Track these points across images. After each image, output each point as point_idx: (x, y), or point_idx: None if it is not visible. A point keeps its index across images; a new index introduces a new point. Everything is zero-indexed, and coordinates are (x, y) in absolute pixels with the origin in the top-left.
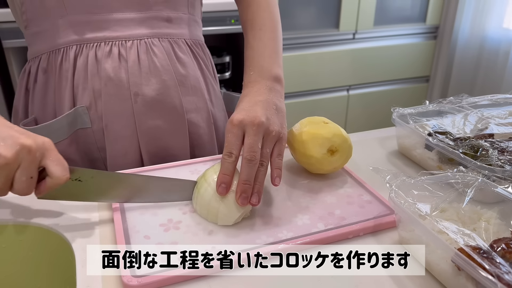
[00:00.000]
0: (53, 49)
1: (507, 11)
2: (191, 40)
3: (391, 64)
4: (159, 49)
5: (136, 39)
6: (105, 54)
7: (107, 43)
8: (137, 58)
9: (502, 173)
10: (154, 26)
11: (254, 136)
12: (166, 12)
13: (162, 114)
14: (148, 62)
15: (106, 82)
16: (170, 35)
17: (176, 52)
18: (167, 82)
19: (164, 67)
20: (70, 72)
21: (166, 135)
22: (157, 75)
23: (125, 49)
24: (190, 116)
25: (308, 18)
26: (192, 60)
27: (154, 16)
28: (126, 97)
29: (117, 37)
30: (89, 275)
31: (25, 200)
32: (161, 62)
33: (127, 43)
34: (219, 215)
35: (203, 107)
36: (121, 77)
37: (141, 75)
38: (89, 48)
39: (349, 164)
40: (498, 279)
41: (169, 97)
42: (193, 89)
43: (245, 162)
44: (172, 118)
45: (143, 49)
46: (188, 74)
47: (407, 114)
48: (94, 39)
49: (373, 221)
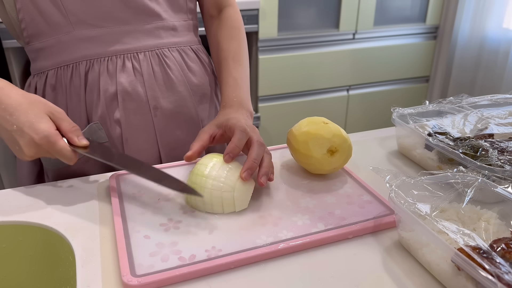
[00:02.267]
0: (61, 65)
1: (507, 11)
2: (196, 46)
3: (391, 64)
4: (171, 60)
5: (147, 50)
6: (118, 68)
7: (119, 57)
8: (151, 70)
9: (502, 173)
10: (162, 36)
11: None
12: (171, 21)
13: (180, 125)
14: (163, 74)
15: (124, 97)
16: (178, 44)
17: (187, 61)
18: (183, 93)
19: (178, 79)
20: (82, 89)
21: (186, 144)
22: (173, 88)
23: (138, 62)
24: (204, 124)
25: (308, 18)
26: (200, 67)
27: (161, 26)
28: (145, 111)
29: (127, 50)
30: (89, 275)
31: (25, 200)
32: (175, 74)
33: (139, 55)
34: (236, 202)
35: (214, 112)
36: (139, 91)
37: (158, 88)
38: (100, 62)
39: (349, 164)
40: (498, 279)
41: (186, 108)
42: (205, 97)
43: (257, 144)
44: (189, 128)
45: (156, 61)
46: (199, 82)
47: (407, 114)
48: (105, 53)
49: (373, 221)
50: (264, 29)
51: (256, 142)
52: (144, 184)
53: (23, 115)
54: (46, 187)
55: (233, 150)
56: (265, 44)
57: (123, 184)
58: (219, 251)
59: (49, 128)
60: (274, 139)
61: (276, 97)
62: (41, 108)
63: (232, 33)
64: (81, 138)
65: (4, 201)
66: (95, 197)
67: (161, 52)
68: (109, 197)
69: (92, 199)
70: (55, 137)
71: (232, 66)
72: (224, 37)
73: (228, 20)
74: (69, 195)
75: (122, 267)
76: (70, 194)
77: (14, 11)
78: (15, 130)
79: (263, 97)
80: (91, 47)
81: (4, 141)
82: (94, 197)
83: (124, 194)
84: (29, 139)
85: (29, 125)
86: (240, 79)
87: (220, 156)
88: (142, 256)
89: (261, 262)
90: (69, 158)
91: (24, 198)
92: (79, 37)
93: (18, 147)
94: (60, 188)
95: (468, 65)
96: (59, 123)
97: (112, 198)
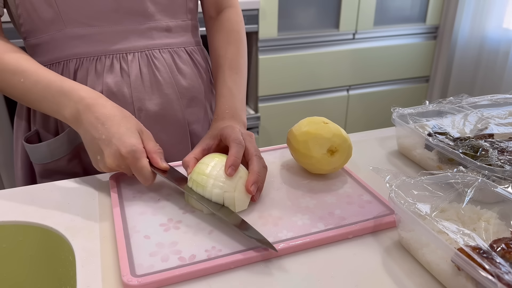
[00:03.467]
0: (53, 62)
1: (507, 11)
2: (191, 48)
3: (391, 64)
4: (161, 62)
5: (137, 51)
6: (106, 68)
7: (107, 57)
8: (139, 72)
9: (502, 173)
10: (154, 37)
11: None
12: (165, 22)
13: (165, 128)
14: (150, 76)
15: (108, 97)
16: (170, 45)
17: (177, 63)
18: (170, 96)
19: (166, 81)
20: None
21: (170, 147)
22: (160, 89)
23: (126, 63)
24: (192, 127)
25: (308, 18)
26: (193, 69)
27: (154, 26)
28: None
29: (117, 50)
30: (89, 275)
31: (25, 200)
32: (163, 75)
33: (128, 56)
34: (236, 203)
35: (204, 117)
36: (124, 92)
37: (144, 89)
38: (89, 61)
39: (349, 164)
40: (498, 279)
41: (172, 111)
42: (194, 100)
43: (256, 158)
44: (175, 131)
45: (144, 62)
46: (189, 85)
47: (407, 114)
48: (94, 52)
49: (373, 221)
50: (264, 29)
51: (255, 156)
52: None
53: (115, 126)
54: (46, 187)
55: (234, 163)
56: (265, 44)
57: (123, 184)
58: (219, 251)
59: (138, 144)
60: (274, 139)
61: (276, 97)
62: (132, 124)
63: (230, 37)
64: (163, 161)
65: (4, 201)
66: (95, 197)
67: (151, 53)
68: (109, 197)
69: (92, 199)
70: (141, 153)
71: (227, 75)
72: (221, 42)
73: (227, 23)
74: (69, 195)
75: (122, 267)
76: (70, 194)
77: (14, 6)
78: (103, 139)
79: (263, 97)
80: (81, 45)
81: (86, 148)
82: (94, 197)
83: (124, 194)
84: (115, 150)
85: (119, 137)
86: (236, 88)
87: (222, 156)
88: (142, 256)
89: (261, 262)
90: (147, 178)
91: (24, 198)
92: (70, 35)
93: (100, 157)
94: (60, 188)
95: (468, 65)
96: (146, 142)
97: (112, 198)
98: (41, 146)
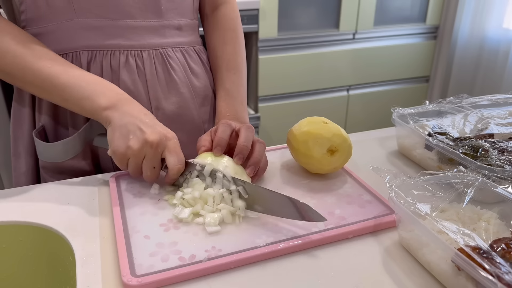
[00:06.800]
0: (60, 53)
1: (507, 11)
2: (198, 47)
3: (391, 64)
4: (175, 61)
5: (151, 49)
6: (121, 64)
7: (122, 52)
8: (154, 70)
9: (502, 173)
10: (166, 35)
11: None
12: (177, 20)
13: (181, 127)
14: (165, 75)
15: None
16: (181, 44)
17: (189, 63)
18: (185, 95)
19: (181, 80)
20: None
21: (186, 146)
22: (175, 89)
23: (141, 60)
24: (205, 126)
25: (308, 18)
26: (202, 69)
27: (167, 24)
28: None
29: (131, 46)
30: (89, 275)
31: (25, 200)
32: (178, 75)
33: (142, 53)
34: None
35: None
36: (140, 90)
37: (160, 89)
38: (103, 55)
39: (349, 164)
40: (498, 279)
41: (187, 110)
42: (206, 99)
43: (244, 127)
44: (190, 130)
45: (159, 61)
46: (201, 85)
47: (407, 114)
48: (108, 46)
49: (373, 221)
50: (264, 29)
51: (243, 126)
52: (144, 184)
53: (157, 122)
54: (46, 187)
55: (219, 142)
56: (265, 44)
57: (123, 184)
58: (219, 251)
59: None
60: (274, 139)
61: (276, 97)
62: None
63: (226, 36)
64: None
65: (4, 201)
66: (95, 197)
67: (165, 52)
68: (109, 197)
69: (92, 199)
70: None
71: (225, 76)
72: (218, 41)
73: (222, 21)
74: (69, 195)
75: (122, 267)
76: (70, 194)
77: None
78: (146, 122)
79: (263, 97)
80: (93, 37)
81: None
82: (94, 197)
83: (124, 194)
84: (159, 131)
85: (163, 127)
86: (235, 89)
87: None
88: (142, 256)
89: (261, 262)
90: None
91: (24, 198)
92: (81, 25)
93: (133, 136)
94: (60, 188)
95: (468, 65)
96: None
97: (112, 198)
98: (57, 145)
